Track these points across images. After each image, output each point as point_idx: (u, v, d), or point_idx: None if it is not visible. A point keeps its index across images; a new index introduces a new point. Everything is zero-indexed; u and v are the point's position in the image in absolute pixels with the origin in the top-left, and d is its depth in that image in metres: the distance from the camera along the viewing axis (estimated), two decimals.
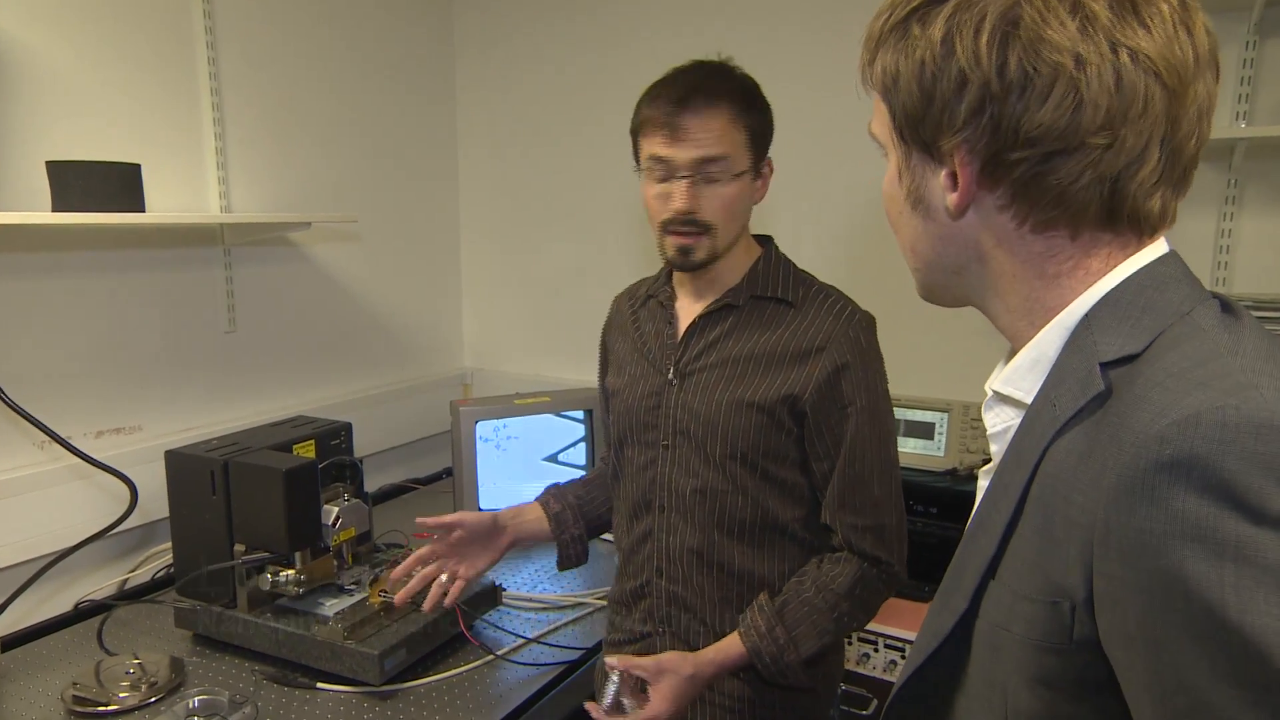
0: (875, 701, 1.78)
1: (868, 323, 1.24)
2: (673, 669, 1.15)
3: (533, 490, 2.07)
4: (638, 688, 1.16)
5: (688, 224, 1.19)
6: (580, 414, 2.13)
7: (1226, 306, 0.61)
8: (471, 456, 2.01)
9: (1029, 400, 0.66)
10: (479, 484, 2.03)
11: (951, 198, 0.64)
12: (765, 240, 1.33)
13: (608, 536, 2.05)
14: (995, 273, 0.66)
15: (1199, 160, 0.62)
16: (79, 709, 1.31)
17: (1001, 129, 0.59)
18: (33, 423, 1.58)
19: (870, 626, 1.27)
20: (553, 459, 2.12)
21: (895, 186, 0.70)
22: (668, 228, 1.20)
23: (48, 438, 1.61)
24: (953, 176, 0.63)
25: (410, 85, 2.46)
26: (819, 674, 1.26)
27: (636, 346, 1.36)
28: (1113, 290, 0.62)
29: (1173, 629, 0.50)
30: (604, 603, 1.71)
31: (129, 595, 1.72)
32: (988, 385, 0.71)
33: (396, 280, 2.47)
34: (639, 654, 1.25)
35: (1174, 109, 0.58)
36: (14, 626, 1.57)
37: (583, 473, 2.13)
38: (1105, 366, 0.59)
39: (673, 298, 1.33)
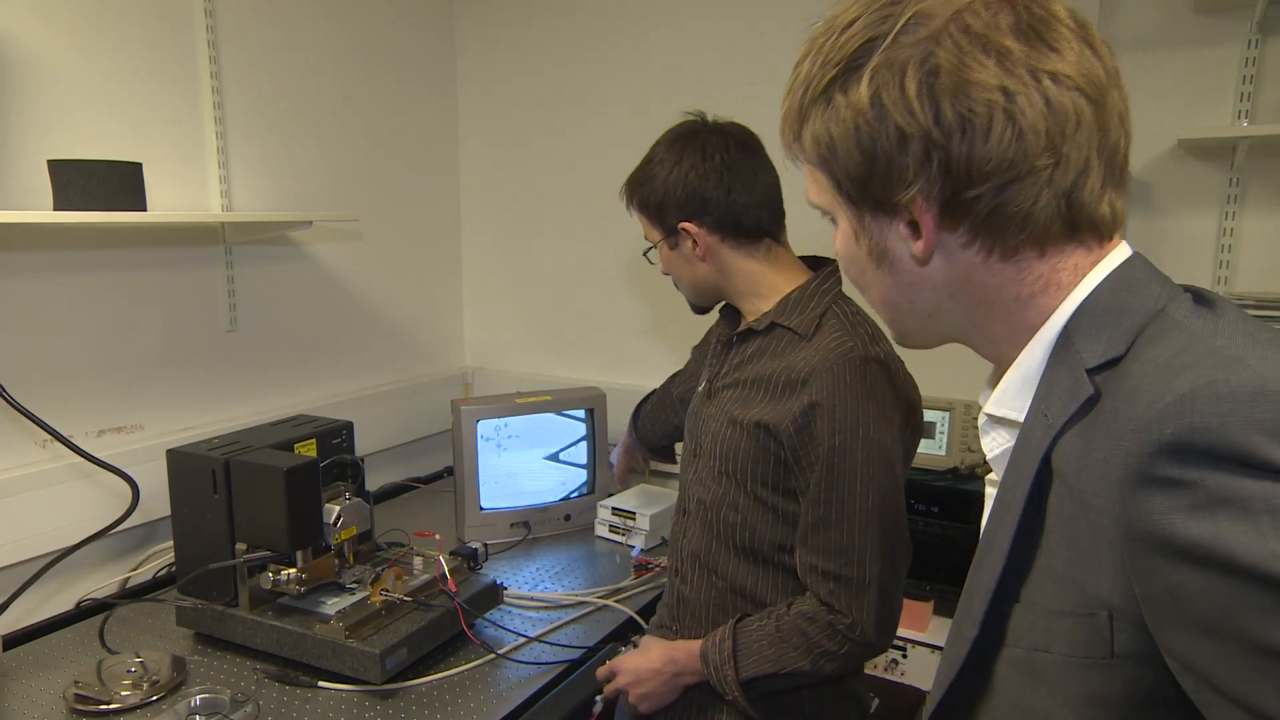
0: (877, 700, 1.78)
1: (859, 363, 1.16)
2: (644, 645, 1.35)
3: (533, 489, 2.09)
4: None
5: None
6: (581, 413, 2.13)
7: (1199, 297, 0.62)
8: (473, 455, 2.01)
9: (1022, 419, 0.66)
10: (480, 483, 2.03)
11: (916, 246, 0.65)
12: (822, 266, 1.31)
13: (604, 534, 2.06)
14: (970, 307, 0.68)
15: (1129, 161, 0.65)
16: (81, 707, 1.31)
17: (953, 171, 0.61)
18: (34, 421, 1.58)
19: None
20: (554, 458, 2.11)
21: (853, 248, 0.71)
22: None
23: (49, 436, 1.61)
24: (911, 225, 0.65)
25: (411, 84, 2.46)
26: (764, 705, 1.23)
27: (708, 355, 1.45)
28: (1087, 299, 0.63)
29: (1234, 599, 0.49)
30: (604, 602, 1.72)
31: (131, 594, 1.72)
32: (982, 407, 0.71)
33: (398, 279, 2.47)
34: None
35: (1101, 117, 0.61)
36: (16, 625, 1.57)
37: (584, 472, 2.15)
38: (1091, 372, 0.60)
39: (735, 315, 1.38)
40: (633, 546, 1.97)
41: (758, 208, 1.27)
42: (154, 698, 1.34)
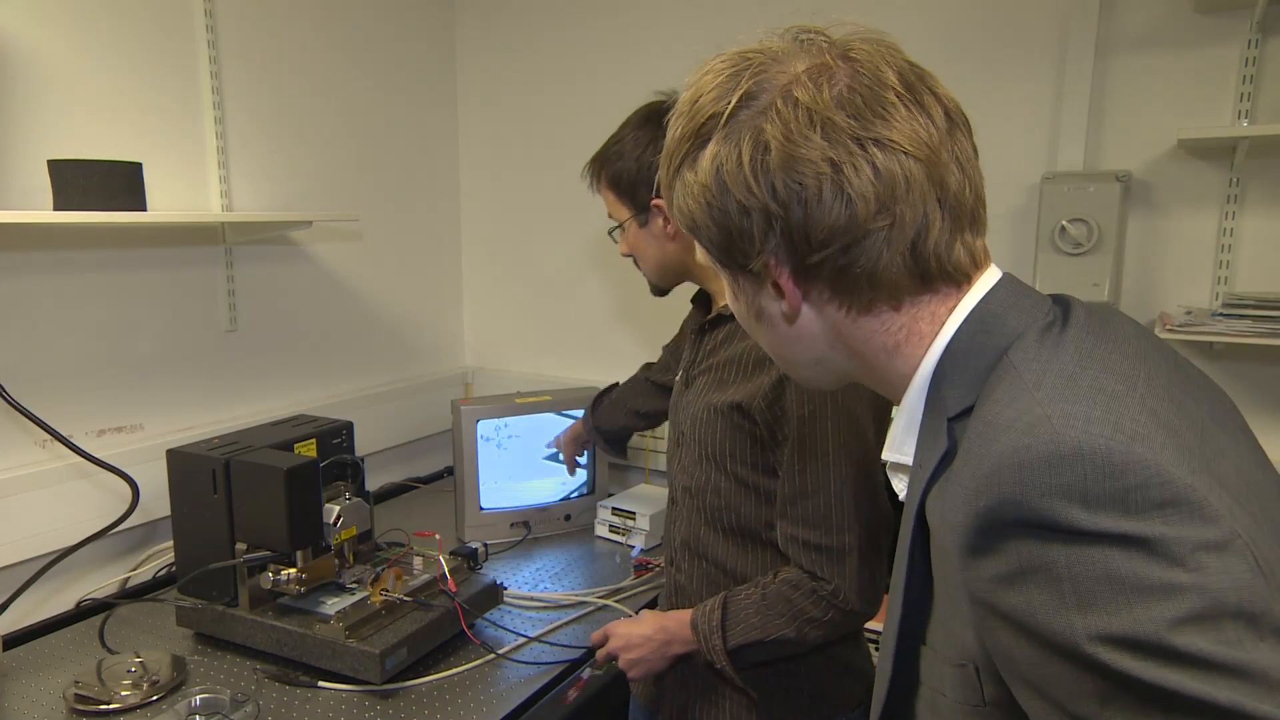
0: None
1: None
2: (639, 615, 1.36)
3: (533, 489, 2.09)
4: None
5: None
6: (581, 413, 2.12)
7: (1059, 320, 0.64)
8: (473, 455, 2.01)
9: (911, 463, 0.68)
10: (480, 483, 2.03)
11: (783, 305, 0.68)
12: None
13: (604, 534, 2.06)
14: (847, 355, 0.70)
15: (985, 201, 0.66)
16: (81, 707, 1.32)
17: (794, 239, 0.63)
18: (34, 421, 1.58)
19: (871, 625, 1.26)
20: (554, 458, 2.11)
21: (736, 305, 0.75)
22: None
23: (49, 436, 1.61)
24: (776, 287, 0.67)
25: (411, 84, 2.46)
26: (762, 681, 1.25)
27: (683, 345, 1.46)
28: (949, 343, 0.65)
29: (1047, 668, 0.52)
30: (604, 602, 1.72)
31: (131, 594, 1.72)
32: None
33: (398, 279, 2.47)
34: None
35: (935, 173, 0.62)
36: (16, 625, 1.57)
37: (584, 471, 2.14)
38: (952, 421, 0.62)
39: (705, 304, 1.40)
40: (633, 546, 1.97)
41: None
42: (154, 698, 1.34)
